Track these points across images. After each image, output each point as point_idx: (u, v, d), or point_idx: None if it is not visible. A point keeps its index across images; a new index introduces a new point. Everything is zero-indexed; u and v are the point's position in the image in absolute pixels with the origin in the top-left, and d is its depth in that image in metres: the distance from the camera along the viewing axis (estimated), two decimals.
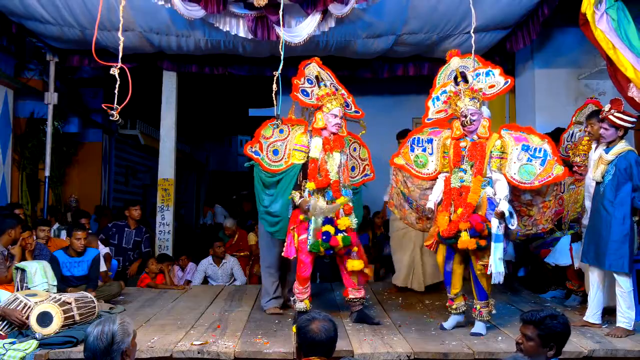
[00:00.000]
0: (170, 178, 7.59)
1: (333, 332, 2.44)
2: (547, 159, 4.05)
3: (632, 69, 4.35)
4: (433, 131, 4.41)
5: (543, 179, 4.04)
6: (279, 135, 4.63)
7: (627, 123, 4.07)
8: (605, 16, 4.49)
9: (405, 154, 4.45)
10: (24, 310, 3.85)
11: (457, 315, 4.27)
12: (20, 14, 5.97)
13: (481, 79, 4.23)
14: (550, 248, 5.11)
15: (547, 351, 2.48)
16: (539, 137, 4.14)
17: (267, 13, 5.29)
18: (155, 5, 5.26)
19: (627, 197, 4.00)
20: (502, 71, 4.24)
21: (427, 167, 4.37)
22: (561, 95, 6.86)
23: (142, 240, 6.84)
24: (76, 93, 9.31)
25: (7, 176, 7.45)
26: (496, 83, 4.21)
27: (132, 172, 11.91)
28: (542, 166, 4.04)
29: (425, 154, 4.38)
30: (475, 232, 3.91)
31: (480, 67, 4.28)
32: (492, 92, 4.23)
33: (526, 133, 4.17)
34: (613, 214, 4.01)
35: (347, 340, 3.89)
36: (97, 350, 2.25)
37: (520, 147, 4.10)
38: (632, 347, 3.75)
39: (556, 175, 4.04)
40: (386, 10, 5.74)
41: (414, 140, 4.44)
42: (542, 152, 4.06)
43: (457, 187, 4.11)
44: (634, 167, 3.99)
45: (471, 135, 4.14)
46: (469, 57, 4.35)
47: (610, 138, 4.13)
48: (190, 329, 4.23)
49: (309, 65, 4.63)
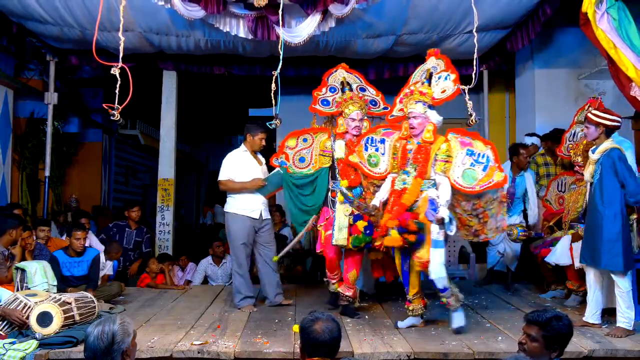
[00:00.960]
0: (170, 178, 7.59)
1: (337, 332, 2.44)
2: (490, 164, 4.08)
3: (633, 69, 4.35)
4: (386, 132, 4.51)
5: (484, 184, 4.07)
6: (304, 144, 4.87)
7: (605, 121, 4.08)
8: (606, 16, 4.49)
9: (359, 152, 4.53)
10: (24, 310, 3.85)
11: (413, 318, 4.27)
12: (20, 14, 5.97)
13: (439, 83, 4.25)
14: (551, 248, 5.11)
15: (551, 352, 2.46)
16: (482, 142, 4.18)
17: (267, 13, 5.29)
18: (155, 5, 5.26)
19: (616, 194, 4.00)
20: (457, 77, 4.23)
21: (379, 167, 4.46)
22: (561, 95, 6.86)
23: (143, 240, 6.84)
24: (76, 93, 9.31)
25: (7, 176, 7.45)
26: (446, 88, 4.22)
27: (132, 172, 11.91)
28: (484, 172, 4.08)
29: (377, 154, 4.47)
30: (402, 229, 3.92)
31: (443, 70, 4.26)
32: (441, 97, 4.24)
33: (471, 138, 4.20)
34: (604, 213, 4.02)
35: (347, 341, 3.88)
36: (98, 350, 2.25)
37: (465, 151, 4.14)
38: (632, 347, 3.76)
39: (497, 181, 4.06)
40: (386, 11, 5.74)
41: (368, 139, 4.54)
42: (485, 158, 4.09)
43: (399, 189, 4.17)
44: (617, 163, 3.99)
45: (417, 138, 4.19)
46: (441, 59, 4.30)
47: (592, 137, 4.18)
48: (190, 329, 4.23)
49: (335, 73, 4.79)
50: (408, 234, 3.92)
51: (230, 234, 5.00)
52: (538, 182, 5.88)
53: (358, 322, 4.46)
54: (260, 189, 4.98)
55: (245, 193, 4.98)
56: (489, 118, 7.61)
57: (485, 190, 4.12)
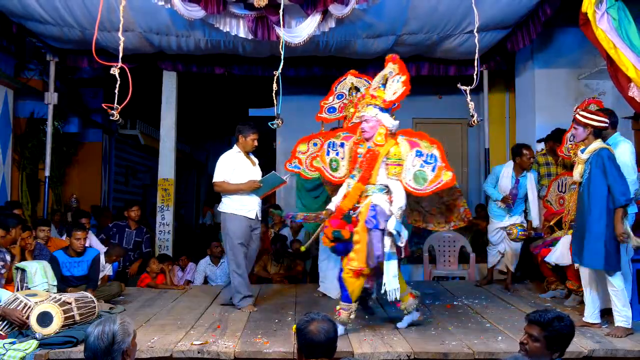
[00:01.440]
0: (170, 178, 7.60)
1: (332, 332, 2.43)
2: (437, 164, 4.00)
3: (633, 69, 4.35)
4: (346, 136, 4.47)
5: (434, 184, 4.00)
6: (314, 148, 4.91)
7: (593, 121, 4.10)
8: (606, 16, 4.49)
9: (322, 157, 4.52)
10: (24, 310, 3.85)
11: (409, 315, 4.25)
12: (20, 14, 5.97)
13: (392, 85, 4.16)
14: (551, 248, 5.11)
15: (552, 353, 2.45)
16: (429, 141, 4.08)
17: (267, 13, 5.29)
18: (155, 5, 5.26)
19: (603, 194, 4.02)
20: (407, 79, 4.12)
21: (339, 171, 4.45)
22: (561, 95, 6.86)
23: (143, 240, 6.84)
24: (76, 93, 9.31)
25: (7, 176, 7.45)
26: (397, 89, 4.14)
27: (132, 172, 11.91)
28: (433, 172, 4.00)
29: (337, 158, 4.46)
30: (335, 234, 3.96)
31: (397, 74, 4.18)
32: (391, 99, 4.13)
33: (418, 138, 4.12)
34: (590, 212, 4.06)
35: (347, 341, 3.89)
36: (98, 350, 2.25)
37: (415, 152, 4.06)
38: (632, 347, 3.76)
39: (445, 181, 3.99)
40: (386, 11, 5.74)
41: (330, 143, 4.51)
42: (433, 158, 4.02)
43: (346, 193, 4.15)
44: (606, 162, 4.01)
45: (369, 142, 4.11)
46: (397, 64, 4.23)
47: (580, 137, 4.21)
48: (190, 329, 4.23)
49: (344, 81, 4.85)
50: (328, 241, 3.97)
51: (228, 234, 4.98)
52: (539, 182, 5.88)
53: (358, 322, 4.45)
54: (255, 190, 4.99)
55: (241, 194, 4.98)
56: (489, 118, 7.61)
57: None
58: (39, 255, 5.10)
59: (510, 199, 5.61)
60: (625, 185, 4.01)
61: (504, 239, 5.74)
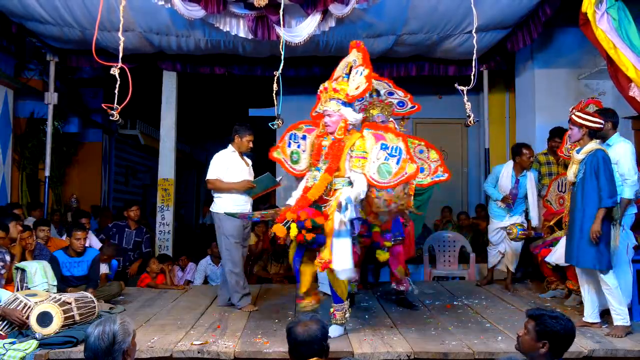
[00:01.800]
0: (170, 178, 7.59)
1: (318, 332, 2.45)
2: (402, 157, 4.00)
3: (633, 69, 4.36)
4: (308, 128, 4.41)
5: (398, 177, 3.99)
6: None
7: (588, 122, 4.12)
8: (606, 16, 4.49)
9: (283, 148, 4.44)
10: (24, 310, 3.85)
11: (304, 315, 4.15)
12: (20, 14, 5.97)
13: (355, 78, 4.09)
14: (551, 248, 5.11)
15: (540, 347, 2.52)
16: (394, 134, 4.09)
17: (267, 13, 5.29)
18: (155, 5, 5.26)
19: (596, 194, 4.05)
20: (370, 73, 4.06)
21: (300, 164, 4.39)
22: (561, 95, 6.86)
23: (143, 240, 6.84)
24: (76, 93, 9.31)
25: (7, 176, 7.45)
26: (360, 84, 4.09)
27: (132, 172, 11.91)
28: (398, 165, 3.99)
29: (299, 151, 4.40)
30: (302, 225, 3.79)
31: (360, 65, 4.11)
32: (354, 94, 4.07)
33: (384, 132, 4.11)
34: (584, 212, 4.09)
35: (347, 341, 3.89)
36: (99, 351, 2.26)
37: (380, 145, 4.03)
38: (632, 347, 3.76)
39: (409, 174, 4.00)
40: (386, 11, 5.74)
41: (291, 135, 4.43)
42: (398, 151, 4.01)
43: (309, 185, 4.05)
44: (600, 164, 4.04)
45: (332, 135, 4.09)
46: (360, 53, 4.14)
47: (575, 138, 4.24)
48: (190, 329, 4.23)
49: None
50: (306, 231, 3.78)
51: (224, 234, 4.95)
52: (540, 182, 5.87)
53: (358, 322, 4.46)
54: (248, 190, 4.97)
55: (233, 193, 4.96)
56: (489, 118, 7.61)
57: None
58: (39, 255, 5.10)
59: (510, 198, 5.61)
60: (614, 189, 4.05)
61: (504, 239, 5.74)
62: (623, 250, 4.40)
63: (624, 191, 4.32)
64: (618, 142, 4.46)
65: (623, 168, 4.35)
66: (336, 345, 3.77)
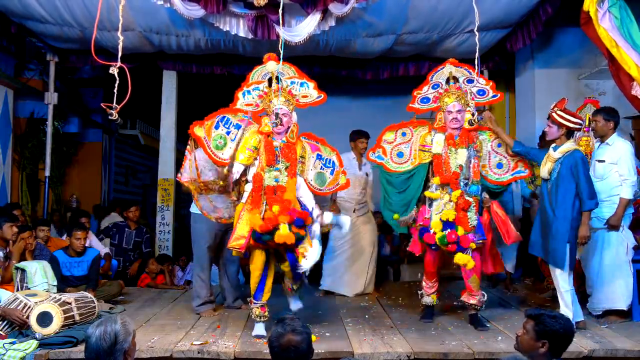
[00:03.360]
0: (170, 178, 7.59)
1: (305, 345, 2.33)
2: (335, 169, 4.31)
3: (635, 68, 4.35)
4: (244, 119, 4.30)
5: (332, 187, 4.33)
6: (402, 138, 4.63)
7: (569, 122, 4.12)
8: (608, 14, 4.49)
9: (208, 128, 4.19)
10: (24, 310, 3.85)
11: (262, 323, 4.05)
12: (20, 14, 5.97)
13: (295, 87, 4.24)
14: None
15: (539, 346, 2.52)
16: (329, 148, 4.37)
17: (267, 12, 5.29)
18: (154, 5, 5.26)
19: (570, 194, 4.06)
20: (315, 85, 4.25)
21: (223, 151, 4.18)
22: (561, 95, 6.75)
23: (143, 240, 6.84)
24: (76, 93, 9.31)
25: (7, 176, 7.44)
26: (309, 95, 4.25)
27: (132, 172, 11.90)
28: (332, 175, 4.31)
29: (226, 137, 4.18)
30: (300, 222, 3.87)
31: (295, 77, 4.25)
32: (304, 102, 4.26)
33: (320, 143, 4.36)
34: (555, 212, 4.10)
35: (347, 341, 3.89)
36: (100, 351, 2.26)
37: (315, 155, 4.30)
38: (632, 347, 3.75)
39: (341, 184, 4.35)
40: (386, 10, 5.74)
41: (223, 118, 4.25)
42: (331, 163, 4.32)
43: (272, 185, 4.00)
44: (579, 165, 4.05)
45: (280, 136, 4.10)
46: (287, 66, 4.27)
47: (553, 136, 4.22)
48: (190, 329, 4.23)
49: (441, 70, 4.54)
50: (298, 229, 3.86)
51: (196, 235, 4.85)
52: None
53: (358, 322, 4.46)
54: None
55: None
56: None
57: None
58: (39, 255, 5.09)
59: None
60: (594, 190, 4.07)
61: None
62: (623, 251, 4.40)
63: (623, 191, 4.32)
64: (617, 142, 4.47)
65: (623, 168, 4.35)
66: (336, 345, 3.78)
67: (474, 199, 4.30)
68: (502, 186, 4.59)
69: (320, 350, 3.56)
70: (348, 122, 6.80)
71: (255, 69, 4.33)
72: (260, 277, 4.00)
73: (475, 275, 4.27)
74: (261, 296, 4.03)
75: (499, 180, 4.55)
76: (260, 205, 3.95)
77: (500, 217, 4.44)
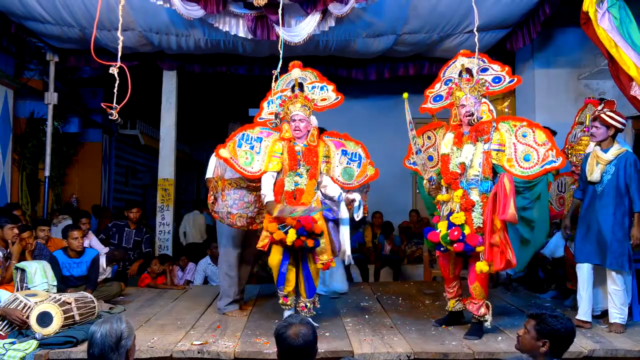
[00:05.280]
0: (170, 178, 7.60)
1: (311, 336, 2.45)
2: (362, 161, 4.46)
3: (634, 68, 4.35)
4: (263, 131, 4.41)
5: (360, 179, 4.45)
6: (429, 142, 4.54)
7: (618, 123, 4.15)
8: (607, 15, 4.49)
9: (232, 148, 4.33)
10: (24, 310, 3.85)
11: (289, 311, 4.26)
12: (20, 14, 5.98)
13: (316, 92, 4.41)
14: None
15: (540, 345, 2.53)
16: (353, 142, 4.49)
17: (267, 13, 5.29)
18: (154, 5, 5.26)
19: (626, 196, 4.10)
20: (334, 88, 4.41)
21: (252, 166, 4.31)
22: (561, 95, 6.86)
23: (143, 240, 6.83)
24: (76, 93, 9.31)
25: (7, 176, 7.45)
26: (328, 97, 4.41)
27: (132, 172, 11.91)
28: (359, 168, 4.45)
29: (252, 152, 4.34)
30: (304, 231, 3.94)
31: (316, 81, 4.42)
32: (323, 105, 4.41)
33: (343, 139, 4.50)
34: (615, 214, 4.09)
35: (347, 341, 3.89)
36: (106, 346, 2.29)
37: (340, 152, 4.44)
38: (632, 347, 3.75)
39: (370, 175, 4.47)
40: (386, 10, 5.74)
41: (243, 136, 4.37)
42: (357, 156, 4.46)
43: (290, 190, 4.14)
44: (634, 167, 4.08)
45: (301, 140, 4.23)
46: (309, 71, 4.42)
47: (600, 137, 4.23)
48: (190, 329, 4.23)
49: (452, 64, 4.40)
50: (307, 237, 3.97)
51: (223, 234, 4.90)
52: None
53: (358, 322, 4.46)
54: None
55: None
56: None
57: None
58: (39, 255, 5.08)
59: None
60: None
61: None
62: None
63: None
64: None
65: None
66: (336, 345, 3.78)
67: (482, 198, 3.98)
68: (531, 180, 4.03)
69: (321, 350, 3.55)
70: (348, 122, 6.80)
71: (280, 77, 4.46)
72: (279, 271, 4.18)
73: (477, 283, 4.03)
74: (283, 287, 4.19)
75: (526, 174, 4.01)
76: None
77: (504, 190, 3.83)
